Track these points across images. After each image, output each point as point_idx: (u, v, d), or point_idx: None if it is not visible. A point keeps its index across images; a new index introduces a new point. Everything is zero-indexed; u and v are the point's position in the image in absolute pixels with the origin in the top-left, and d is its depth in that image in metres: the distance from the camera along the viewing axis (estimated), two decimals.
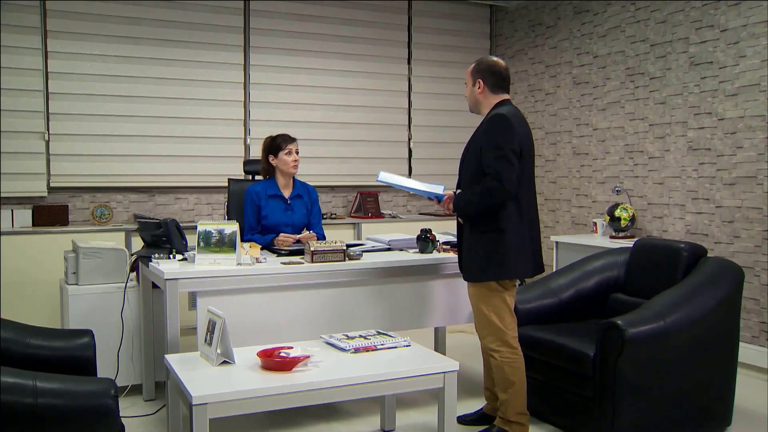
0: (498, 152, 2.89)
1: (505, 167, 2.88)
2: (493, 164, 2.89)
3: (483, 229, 3.00)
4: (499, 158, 2.89)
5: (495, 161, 2.89)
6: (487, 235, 2.99)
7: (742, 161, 4.38)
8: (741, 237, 4.39)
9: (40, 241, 4.67)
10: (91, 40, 5.12)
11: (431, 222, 5.86)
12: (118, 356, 3.66)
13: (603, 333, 2.98)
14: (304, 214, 4.03)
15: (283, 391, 2.44)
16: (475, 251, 3.03)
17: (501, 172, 2.87)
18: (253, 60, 5.66)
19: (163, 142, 5.39)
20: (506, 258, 2.96)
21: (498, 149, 2.90)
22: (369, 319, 3.49)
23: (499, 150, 2.89)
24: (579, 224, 5.70)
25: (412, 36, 6.31)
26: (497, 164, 2.88)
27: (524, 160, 2.98)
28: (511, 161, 2.89)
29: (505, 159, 2.88)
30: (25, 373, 1.97)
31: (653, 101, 5.00)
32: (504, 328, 3.04)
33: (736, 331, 3.27)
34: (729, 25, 4.43)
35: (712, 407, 3.21)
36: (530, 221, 3.06)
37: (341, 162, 6.04)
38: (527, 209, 3.04)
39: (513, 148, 2.91)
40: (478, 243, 3.02)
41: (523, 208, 3.01)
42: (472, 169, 3.03)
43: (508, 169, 2.88)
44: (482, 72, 3.08)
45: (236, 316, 3.17)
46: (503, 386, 3.06)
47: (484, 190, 2.91)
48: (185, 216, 5.53)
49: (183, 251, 3.49)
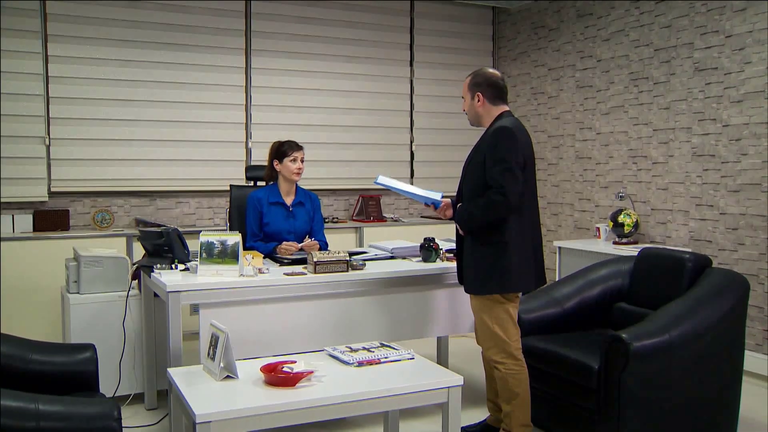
0: (503, 166, 2.89)
1: (510, 181, 2.87)
2: (498, 178, 2.89)
3: (485, 241, 2.99)
4: (504, 172, 2.88)
5: (499, 175, 2.88)
6: (489, 248, 2.98)
7: (747, 168, 4.35)
8: (745, 244, 4.37)
9: (41, 247, 4.65)
10: (91, 44, 5.09)
11: (433, 226, 5.85)
12: (120, 365, 3.65)
13: (607, 346, 2.97)
14: (306, 221, 4.01)
15: (287, 408, 2.42)
16: (477, 263, 3.02)
17: (505, 186, 2.87)
18: (254, 63, 5.63)
19: (164, 146, 5.36)
20: (509, 271, 2.95)
21: (503, 162, 2.89)
22: (372, 329, 3.48)
23: (503, 163, 2.89)
24: (581, 228, 5.68)
25: (414, 38, 6.27)
26: (502, 178, 2.88)
27: (527, 172, 2.97)
28: (515, 175, 2.89)
29: (509, 172, 2.88)
30: (27, 396, 1.95)
31: (657, 106, 4.97)
32: (508, 340, 3.03)
33: (741, 344, 3.25)
34: (734, 31, 4.40)
35: (716, 420, 3.20)
36: (533, 233, 3.06)
37: (343, 165, 6.02)
38: (530, 221, 3.04)
39: (517, 161, 2.91)
40: (480, 255, 3.01)
41: (526, 220, 3.01)
42: (475, 181, 3.02)
43: (513, 183, 2.88)
44: (480, 85, 3.07)
45: (239, 328, 3.16)
46: (507, 398, 3.05)
47: (488, 204, 2.91)
48: (186, 220, 5.51)
49: (185, 261, 3.48)
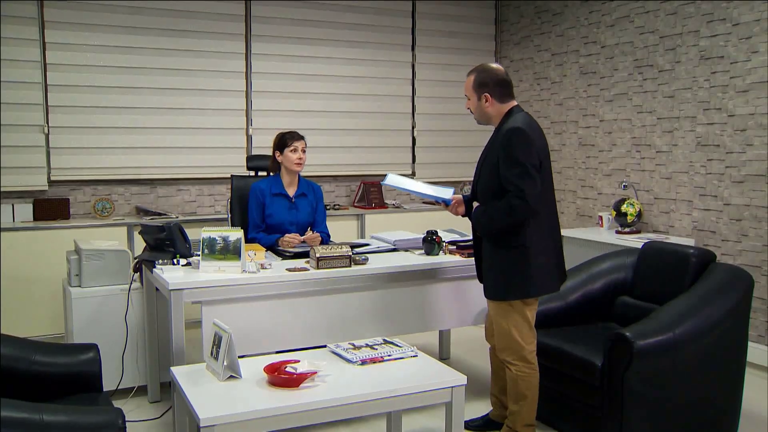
0: (519, 168, 2.81)
1: (529, 184, 2.80)
2: (516, 181, 2.81)
3: (505, 244, 2.93)
4: (521, 175, 2.81)
5: (517, 178, 2.81)
6: (510, 252, 2.92)
7: (752, 159, 4.32)
8: (749, 236, 4.36)
9: (41, 237, 4.63)
10: (89, 30, 5.02)
11: (434, 213, 5.83)
12: (122, 359, 3.66)
13: (611, 344, 2.96)
14: (309, 213, 3.99)
15: (291, 410, 2.42)
16: (497, 269, 2.96)
17: (524, 189, 2.79)
18: (254, 49, 5.56)
19: (164, 133, 5.31)
20: (530, 276, 2.90)
21: (519, 165, 2.82)
22: (375, 324, 3.48)
23: (520, 166, 2.81)
24: (584, 216, 5.66)
25: (416, 23, 6.19)
26: (520, 181, 2.80)
27: (543, 172, 2.90)
28: (533, 177, 2.82)
29: (527, 175, 2.81)
30: (30, 406, 1.94)
31: (662, 94, 4.92)
32: (523, 343, 3.00)
33: (745, 341, 3.25)
34: (741, 20, 4.34)
35: (718, 416, 3.21)
36: (552, 233, 3.00)
37: (344, 151, 5.98)
38: (549, 221, 2.98)
39: (533, 162, 2.84)
40: (501, 260, 2.95)
41: (545, 221, 2.95)
42: (488, 182, 2.96)
43: (532, 186, 2.81)
44: (486, 85, 2.97)
45: (242, 324, 3.16)
46: (515, 398, 3.04)
47: (507, 208, 2.83)
48: (187, 207, 5.49)
49: (187, 255, 3.46)
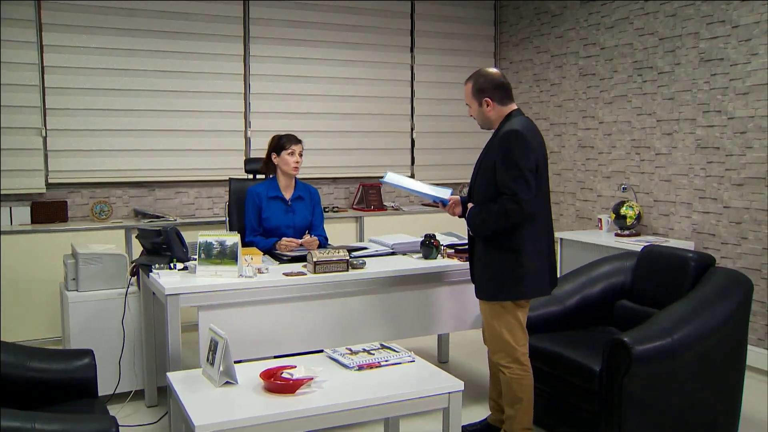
0: (515, 172, 2.81)
1: (523, 188, 2.80)
2: (510, 184, 2.81)
3: (498, 246, 2.93)
4: (516, 178, 2.80)
5: (512, 182, 2.81)
6: (502, 255, 2.92)
7: (752, 162, 4.30)
8: (748, 239, 4.34)
9: (39, 240, 4.62)
10: (87, 33, 5.00)
11: (433, 215, 5.82)
12: (119, 363, 3.64)
13: (609, 349, 2.95)
14: (306, 216, 3.98)
15: (287, 417, 2.40)
16: (489, 270, 2.97)
17: (519, 193, 2.79)
18: (253, 51, 5.55)
19: (162, 135, 5.30)
20: (522, 278, 2.90)
21: (515, 169, 2.81)
22: (373, 329, 3.46)
23: (516, 170, 2.81)
24: (583, 218, 5.65)
25: (415, 24, 6.18)
26: (515, 185, 2.80)
27: (539, 176, 2.90)
28: (528, 181, 2.81)
29: (522, 179, 2.80)
30: (24, 415, 1.93)
31: (661, 96, 4.90)
32: (515, 345, 2.99)
33: (744, 345, 3.23)
34: (741, 22, 4.32)
35: (718, 421, 3.19)
36: (546, 237, 3.00)
37: (343, 153, 5.97)
38: (543, 225, 2.97)
39: (530, 167, 2.83)
40: (493, 261, 2.95)
41: (539, 225, 2.94)
42: (485, 185, 2.96)
43: (526, 190, 2.80)
44: (487, 91, 2.97)
45: (238, 329, 3.15)
46: (511, 401, 3.03)
47: (500, 211, 2.83)
48: (186, 210, 5.47)
49: (184, 259, 3.45)
